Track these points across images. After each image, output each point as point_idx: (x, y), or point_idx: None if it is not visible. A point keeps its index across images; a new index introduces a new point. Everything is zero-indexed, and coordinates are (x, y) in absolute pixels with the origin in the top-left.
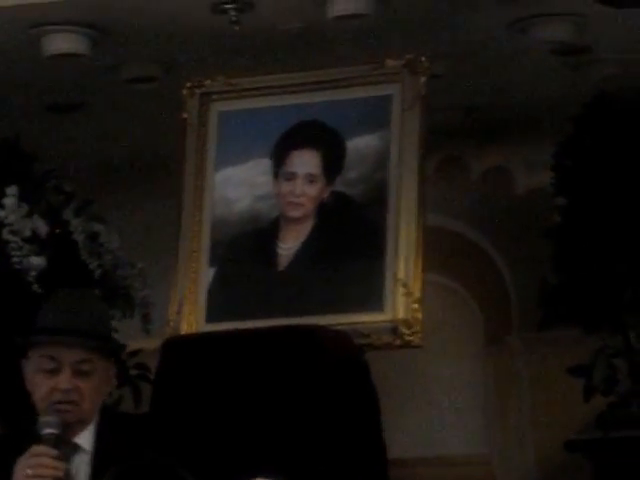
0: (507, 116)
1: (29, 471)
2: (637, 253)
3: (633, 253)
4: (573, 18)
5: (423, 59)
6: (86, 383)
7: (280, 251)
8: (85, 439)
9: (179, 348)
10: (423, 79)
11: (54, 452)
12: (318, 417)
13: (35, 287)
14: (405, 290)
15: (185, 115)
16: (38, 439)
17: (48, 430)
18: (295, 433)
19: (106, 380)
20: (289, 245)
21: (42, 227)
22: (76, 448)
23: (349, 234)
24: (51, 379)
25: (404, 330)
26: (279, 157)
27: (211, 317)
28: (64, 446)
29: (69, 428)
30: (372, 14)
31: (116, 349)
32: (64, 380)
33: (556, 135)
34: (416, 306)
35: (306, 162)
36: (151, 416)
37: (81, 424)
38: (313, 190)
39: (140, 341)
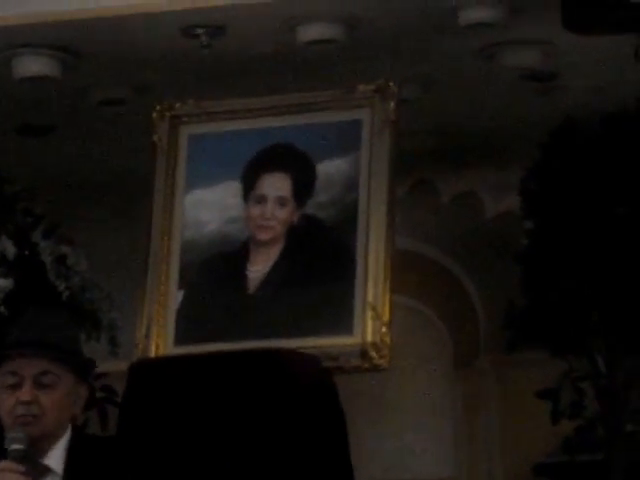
0: (476, 141)
1: None
2: (603, 277)
3: (599, 277)
4: (541, 45)
5: (393, 84)
6: (47, 396)
7: (249, 274)
8: (55, 460)
9: (146, 371)
10: (393, 104)
11: (20, 468)
12: (285, 441)
13: (1, 309)
14: (374, 313)
15: (155, 138)
16: (5, 455)
17: (14, 446)
18: (262, 457)
19: (71, 395)
20: (258, 268)
21: (10, 249)
22: (46, 470)
23: (319, 257)
24: (14, 394)
25: (373, 353)
26: (249, 180)
27: (179, 340)
28: (32, 466)
29: (36, 446)
30: (342, 40)
31: (81, 363)
32: (25, 392)
33: (525, 160)
34: (385, 329)
35: (276, 185)
36: (119, 439)
37: (48, 441)
38: (283, 213)
39: (107, 364)
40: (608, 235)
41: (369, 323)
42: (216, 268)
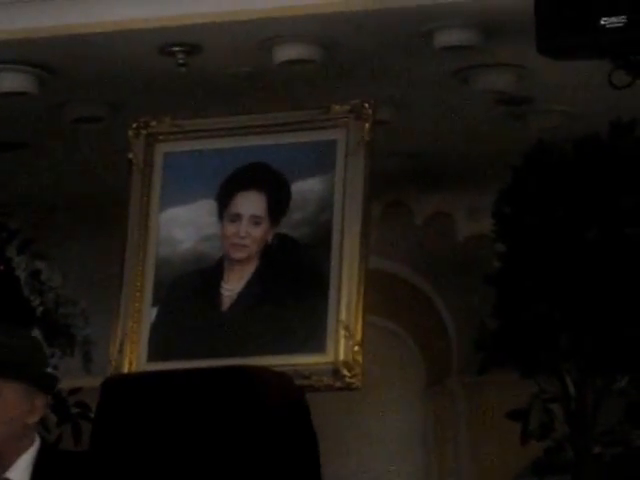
0: (450, 163)
1: None
2: (573, 300)
3: (569, 300)
4: (515, 69)
5: (368, 105)
6: None
7: (223, 292)
8: (18, 474)
9: (119, 387)
10: (368, 125)
11: None
12: (257, 459)
13: None
14: (347, 332)
15: (130, 155)
16: None
17: None
18: (232, 476)
19: (22, 405)
20: (233, 286)
21: None
22: None
23: (292, 276)
24: None
25: (345, 372)
26: (224, 198)
27: (153, 356)
28: None
29: None
30: (318, 60)
31: (31, 373)
32: None
33: (498, 183)
34: (357, 348)
35: (251, 204)
36: (90, 454)
37: (7, 454)
38: (258, 232)
39: (81, 379)
40: (579, 259)
41: (342, 342)
42: (190, 285)
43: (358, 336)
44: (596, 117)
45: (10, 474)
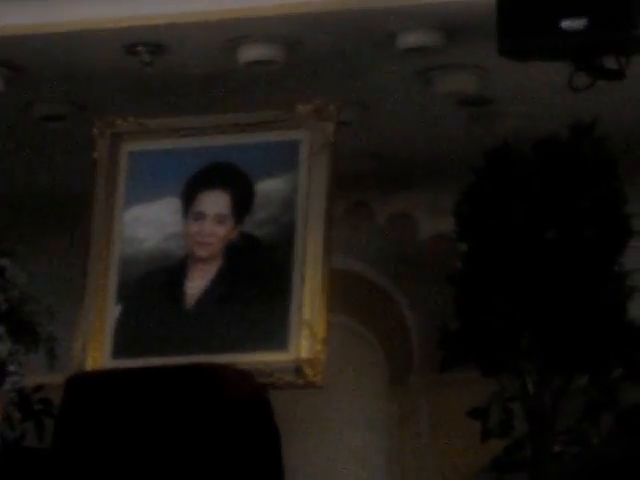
0: (413, 164)
1: None
2: (534, 300)
3: (530, 300)
4: (477, 70)
5: (331, 106)
6: None
7: (187, 290)
8: None
9: (83, 384)
10: (331, 125)
11: None
12: (219, 456)
13: None
14: (309, 331)
15: (95, 154)
16: None
17: None
18: (195, 472)
19: None
20: (196, 284)
21: None
22: None
23: (256, 275)
24: None
25: (307, 370)
26: (189, 197)
27: (116, 354)
28: None
29: None
30: (282, 61)
31: None
32: None
33: (460, 183)
34: (320, 347)
35: (215, 203)
36: (53, 451)
37: None
38: (221, 230)
39: (45, 376)
40: (538, 259)
41: (304, 340)
42: (154, 283)
43: (321, 334)
44: (556, 118)
45: None
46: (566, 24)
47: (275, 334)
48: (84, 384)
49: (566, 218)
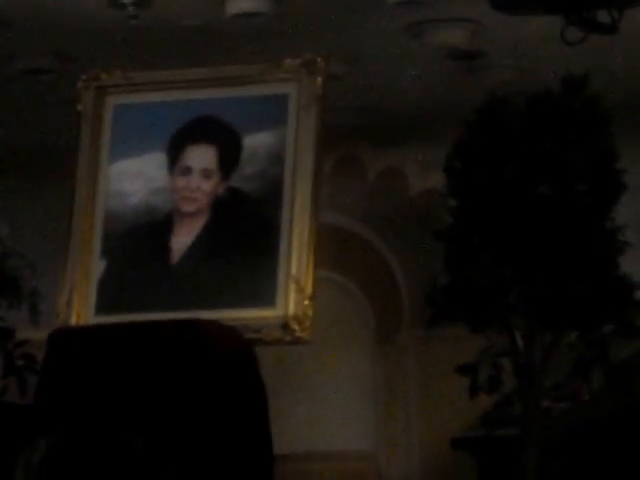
0: (403, 118)
1: None
2: (523, 255)
3: (519, 255)
4: (468, 24)
5: (320, 59)
6: None
7: (173, 245)
8: None
9: (66, 339)
10: (320, 79)
11: None
12: (205, 411)
13: None
14: (297, 286)
15: (80, 108)
16: None
17: None
18: (181, 427)
19: None
20: (182, 239)
21: None
22: None
23: (243, 230)
24: None
25: (294, 326)
26: (175, 151)
27: (101, 309)
28: None
29: None
30: (270, 13)
31: None
32: None
33: (450, 138)
34: (307, 302)
35: (202, 157)
36: (36, 407)
37: None
38: (208, 185)
39: (28, 332)
40: (530, 214)
41: (292, 296)
42: (139, 238)
43: (308, 290)
44: (548, 73)
45: None
46: None
47: (262, 290)
48: (67, 339)
49: (558, 173)
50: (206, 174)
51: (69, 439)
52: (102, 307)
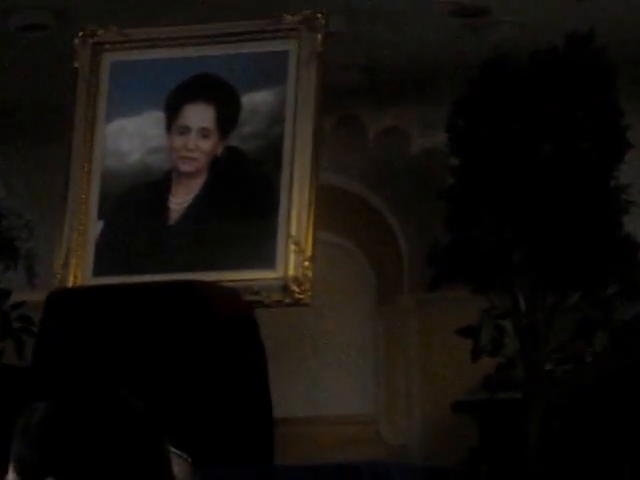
0: (405, 76)
1: None
2: (527, 215)
3: (523, 215)
4: None
5: (320, 16)
6: None
7: (171, 205)
8: None
9: (64, 301)
10: (320, 36)
11: None
12: (204, 374)
13: None
14: (297, 248)
15: (76, 65)
16: None
17: None
18: (180, 390)
19: None
20: (181, 200)
21: None
22: None
23: (242, 190)
24: None
25: (294, 288)
26: (172, 110)
27: (98, 271)
28: None
29: None
30: None
31: None
32: None
33: (453, 96)
34: (307, 264)
35: (200, 116)
36: (33, 369)
37: None
38: (206, 145)
39: (24, 293)
40: (532, 174)
41: (291, 257)
42: (137, 198)
43: (308, 252)
44: (552, 29)
45: None
46: None
47: (262, 251)
48: (65, 301)
49: (561, 131)
50: (204, 133)
51: (68, 401)
52: (100, 269)
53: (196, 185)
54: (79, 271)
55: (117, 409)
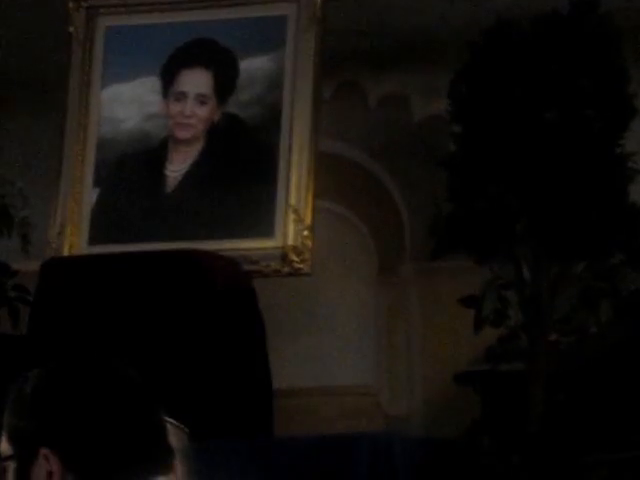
0: (406, 41)
1: None
2: (531, 184)
3: (526, 183)
4: None
5: None
6: None
7: (168, 173)
8: None
9: (59, 269)
10: (319, 0)
11: None
12: (202, 345)
13: None
14: (296, 216)
15: (71, 29)
16: None
17: None
18: (178, 361)
19: None
20: (178, 167)
21: None
22: None
23: (240, 158)
24: None
25: (293, 257)
26: (169, 76)
27: (94, 239)
28: None
29: None
30: None
31: None
32: None
33: (455, 62)
34: (307, 233)
35: (197, 82)
36: (28, 338)
37: None
38: (204, 111)
39: (19, 262)
40: (537, 141)
41: (290, 226)
42: (133, 166)
43: (308, 220)
44: None
45: None
46: None
47: (260, 220)
48: (60, 270)
49: (566, 98)
50: (201, 100)
51: (61, 370)
52: (96, 237)
53: (193, 152)
54: (74, 240)
55: (111, 378)
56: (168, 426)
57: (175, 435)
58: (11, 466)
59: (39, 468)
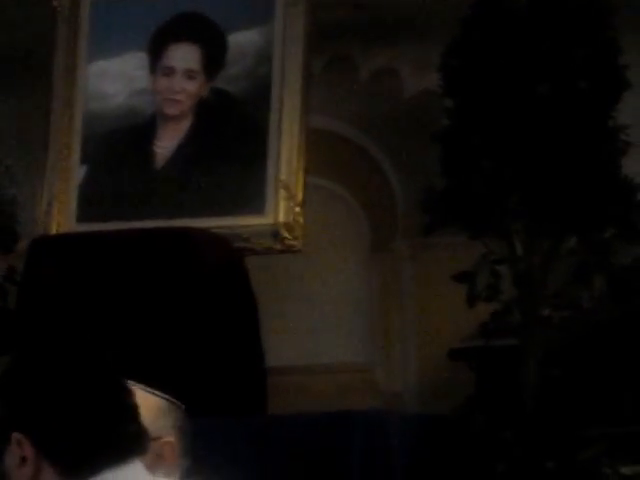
0: (398, 14)
1: None
2: (524, 158)
3: (520, 158)
4: None
5: None
6: None
7: (157, 150)
8: None
9: (47, 248)
10: None
11: None
12: (194, 323)
13: None
14: (287, 193)
15: (55, 3)
16: None
17: None
18: (170, 339)
19: None
20: (166, 144)
21: None
22: None
23: (229, 134)
24: None
25: (285, 234)
26: (156, 51)
27: (82, 217)
28: None
29: None
30: None
31: None
32: None
33: (447, 36)
34: (298, 209)
35: (185, 57)
36: (16, 317)
37: None
38: (192, 86)
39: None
40: (529, 114)
41: (281, 203)
42: (121, 142)
43: (299, 197)
44: None
45: None
46: None
47: (250, 196)
48: (49, 248)
49: (559, 70)
50: (190, 75)
51: (32, 355)
52: (84, 215)
53: (182, 128)
54: (62, 218)
55: (80, 362)
56: (164, 403)
57: (172, 412)
58: None
59: (13, 453)
